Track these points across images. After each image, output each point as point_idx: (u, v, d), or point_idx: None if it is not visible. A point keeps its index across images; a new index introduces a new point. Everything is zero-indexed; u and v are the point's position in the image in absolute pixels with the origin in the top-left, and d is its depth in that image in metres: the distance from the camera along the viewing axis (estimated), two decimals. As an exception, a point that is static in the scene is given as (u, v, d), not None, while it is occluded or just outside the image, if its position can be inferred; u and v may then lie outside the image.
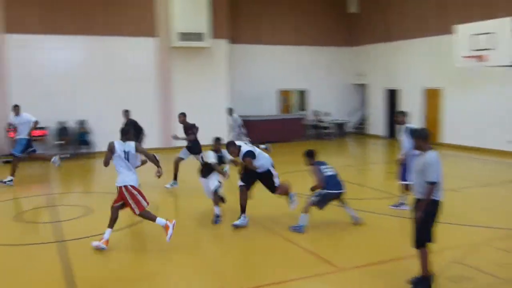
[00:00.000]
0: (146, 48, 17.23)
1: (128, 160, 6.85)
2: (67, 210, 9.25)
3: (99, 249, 6.66)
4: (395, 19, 20.14)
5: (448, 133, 17.78)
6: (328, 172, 7.76)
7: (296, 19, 21.31)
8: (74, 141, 15.96)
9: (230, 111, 14.88)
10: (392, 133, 20.74)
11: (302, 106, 22.56)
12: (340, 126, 22.38)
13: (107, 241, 6.73)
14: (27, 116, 11.76)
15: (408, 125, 8.68)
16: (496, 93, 15.90)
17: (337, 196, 7.76)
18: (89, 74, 16.46)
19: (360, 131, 22.88)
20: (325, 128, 21.44)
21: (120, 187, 6.74)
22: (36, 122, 11.83)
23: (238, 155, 7.86)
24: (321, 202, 7.64)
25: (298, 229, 7.55)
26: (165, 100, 17.62)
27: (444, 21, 17.49)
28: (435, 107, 18.50)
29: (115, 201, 6.90)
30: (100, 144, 16.08)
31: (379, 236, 7.50)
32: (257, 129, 18.75)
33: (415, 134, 5.47)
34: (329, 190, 7.60)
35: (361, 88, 22.90)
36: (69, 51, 16.34)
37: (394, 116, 9.17)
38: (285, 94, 21.90)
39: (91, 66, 16.54)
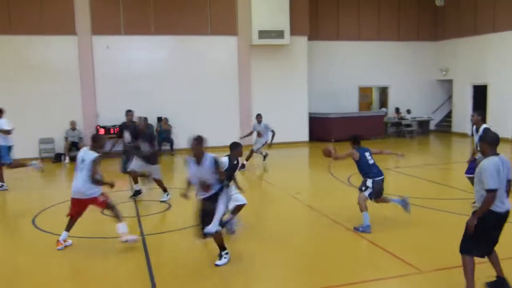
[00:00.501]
0: (226, 46, 17.63)
1: (81, 169, 6.66)
2: (147, 206, 9.55)
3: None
4: (484, 11, 19.06)
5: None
6: (370, 160, 7.60)
7: (377, 13, 20.81)
8: (157, 138, 16.50)
9: (259, 118, 13.82)
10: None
11: (382, 103, 22.01)
12: (422, 123, 21.58)
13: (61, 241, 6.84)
14: (2, 122, 11.10)
15: (485, 125, 8.31)
16: None
17: (382, 182, 7.57)
18: (171, 73, 17.13)
19: (444, 129, 21.92)
20: (407, 125, 20.77)
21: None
22: (5, 132, 11.00)
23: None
24: (372, 193, 7.50)
25: (364, 230, 7.39)
26: (245, 97, 17.95)
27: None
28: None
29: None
30: (180, 141, 16.73)
31: (460, 238, 7.18)
32: (335, 127, 18.57)
33: (482, 137, 5.12)
34: (374, 178, 7.48)
35: (446, 84, 21.91)
36: (151, 51, 17.07)
37: (470, 116, 8.83)
38: (365, 91, 21.48)
39: (173, 65, 17.21)
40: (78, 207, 6.85)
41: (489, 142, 4.95)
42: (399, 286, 5.62)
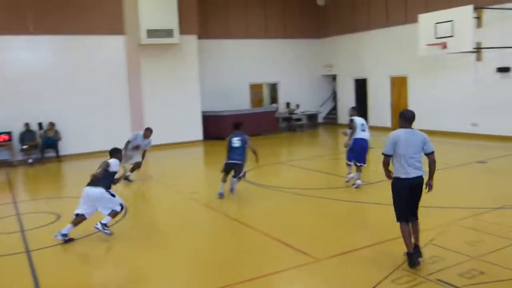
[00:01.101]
0: (114, 46, 16.95)
1: None
2: (33, 218, 8.87)
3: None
4: (360, 11, 20.46)
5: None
6: (234, 144, 9.28)
7: (264, 12, 21.38)
8: (41, 144, 15.30)
9: (149, 133, 11.61)
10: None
11: (273, 99, 22.70)
12: (311, 117, 22.61)
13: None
14: None
15: (352, 117, 10.01)
16: (457, 78, 16.48)
17: (231, 166, 9.31)
18: (56, 74, 16.06)
19: (331, 121, 23.17)
20: (297, 120, 21.63)
21: None
22: None
23: None
24: (223, 168, 9.41)
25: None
26: (135, 98, 17.43)
27: (407, 11, 17.95)
28: (401, 94, 18.99)
29: None
30: (69, 147, 15.85)
31: (351, 224, 7.66)
32: (229, 124, 18.75)
33: (400, 113, 5.83)
34: (226, 160, 9.32)
35: (331, 79, 23.19)
36: (35, 51, 15.84)
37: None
38: (256, 88, 21.98)
39: (58, 66, 16.12)
40: None
41: (402, 117, 5.72)
42: (299, 276, 5.81)
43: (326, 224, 7.70)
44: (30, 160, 14.86)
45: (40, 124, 15.58)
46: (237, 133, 9.38)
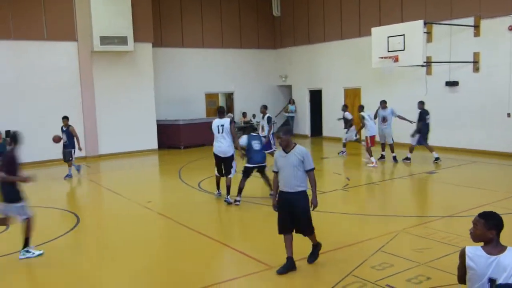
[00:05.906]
0: (66, 53, 16.53)
1: None
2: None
3: None
4: (316, 23, 20.84)
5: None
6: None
7: (220, 22, 21.43)
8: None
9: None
10: (316, 132, 21.43)
11: (229, 109, 22.69)
12: (267, 127, 22.70)
13: None
14: None
15: (268, 115, 13.30)
16: (409, 91, 16.93)
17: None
18: (4, 80, 15.51)
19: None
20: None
21: None
22: None
23: None
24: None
25: None
26: (88, 106, 17.02)
27: (361, 24, 18.43)
28: (354, 105, 19.32)
29: None
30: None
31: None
32: (184, 133, 18.64)
33: (285, 130, 5.85)
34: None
35: (287, 89, 23.44)
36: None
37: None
38: (211, 97, 21.93)
39: (6, 72, 15.58)
40: None
41: (292, 135, 6.19)
42: (251, 283, 5.82)
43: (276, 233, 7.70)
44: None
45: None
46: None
